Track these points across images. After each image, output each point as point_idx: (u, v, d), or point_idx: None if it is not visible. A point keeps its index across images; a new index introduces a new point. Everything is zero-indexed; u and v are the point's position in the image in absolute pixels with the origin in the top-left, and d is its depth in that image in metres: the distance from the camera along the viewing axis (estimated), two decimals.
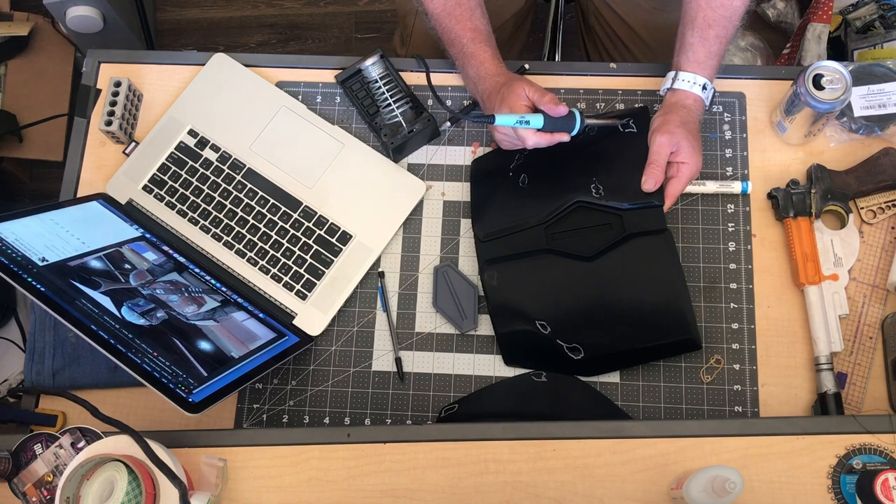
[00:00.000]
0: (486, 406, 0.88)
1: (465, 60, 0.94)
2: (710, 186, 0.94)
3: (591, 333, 0.88)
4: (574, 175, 0.92)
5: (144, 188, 0.98)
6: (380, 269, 0.95)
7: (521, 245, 0.91)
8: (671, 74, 0.91)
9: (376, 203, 0.96)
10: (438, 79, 1.02)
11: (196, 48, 1.86)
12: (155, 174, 0.99)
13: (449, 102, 1.01)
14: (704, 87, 0.90)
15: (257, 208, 0.97)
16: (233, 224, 0.96)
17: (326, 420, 0.91)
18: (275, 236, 0.96)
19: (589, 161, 0.92)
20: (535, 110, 0.87)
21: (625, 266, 0.88)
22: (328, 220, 0.96)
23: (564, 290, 0.89)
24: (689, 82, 0.89)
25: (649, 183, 0.87)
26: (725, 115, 0.99)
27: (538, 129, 0.86)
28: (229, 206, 0.97)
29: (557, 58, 1.52)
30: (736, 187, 0.94)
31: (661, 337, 0.87)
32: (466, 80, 0.96)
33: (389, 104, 0.97)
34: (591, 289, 0.88)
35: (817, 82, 0.87)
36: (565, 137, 0.88)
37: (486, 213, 0.94)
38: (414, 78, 1.02)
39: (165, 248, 0.94)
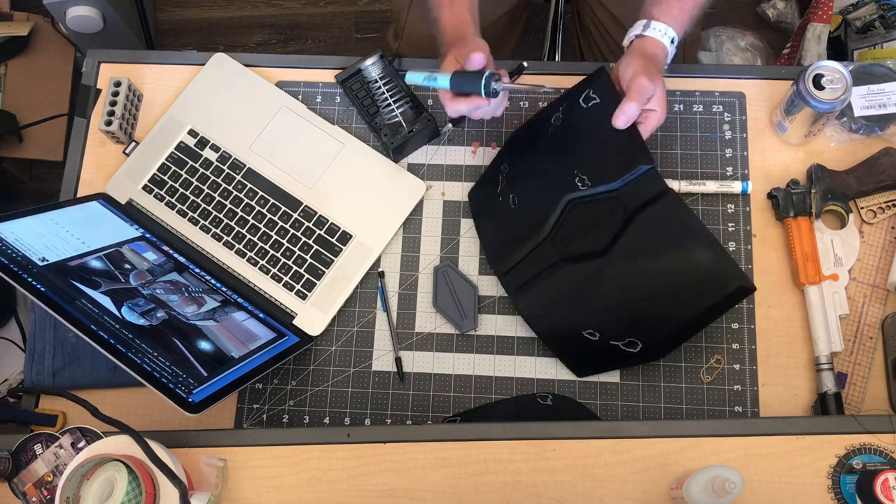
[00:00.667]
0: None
1: (438, 15, 0.91)
2: (710, 186, 0.94)
3: (640, 322, 0.84)
4: (556, 176, 0.89)
5: (144, 188, 0.98)
6: (380, 269, 0.96)
7: (538, 264, 0.88)
8: (641, 22, 0.87)
9: (376, 203, 0.96)
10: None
11: (196, 48, 1.86)
12: (155, 174, 0.99)
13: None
14: (672, 42, 0.87)
15: (257, 208, 0.97)
16: (233, 224, 0.96)
17: (326, 420, 0.91)
18: (275, 236, 0.96)
19: (566, 155, 0.89)
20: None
21: (644, 243, 0.83)
22: (328, 220, 0.96)
23: (594, 292, 0.85)
24: (661, 32, 0.86)
25: (621, 119, 0.81)
26: (725, 114, 0.99)
27: (451, 91, 0.84)
28: (229, 205, 0.97)
29: (557, 58, 1.52)
30: (736, 187, 0.94)
31: (711, 295, 0.82)
32: (438, 39, 0.92)
33: (389, 104, 0.97)
34: (620, 279, 0.84)
35: (817, 82, 0.87)
36: (482, 101, 0.83)
37: (495, 247, 0.92)
38: None
39: (165, 248, 0.94)
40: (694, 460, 0.76)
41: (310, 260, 0.94)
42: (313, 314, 0.93)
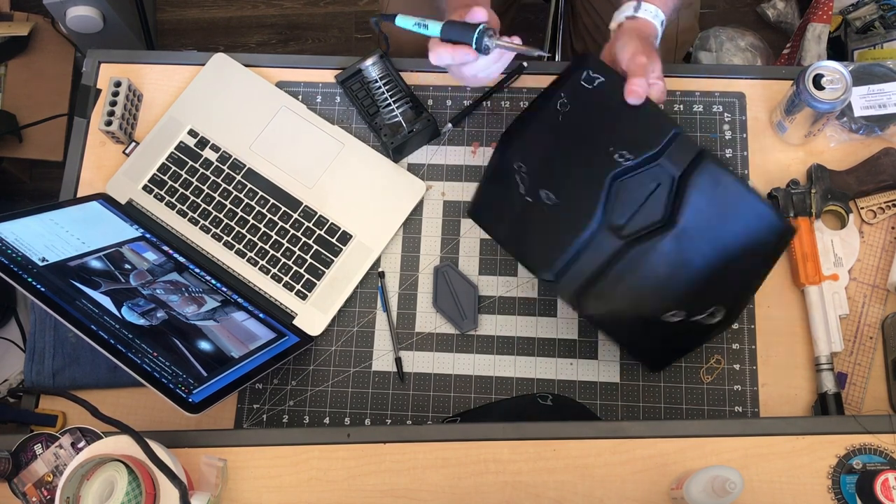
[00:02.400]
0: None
1: (447, 3, 0.88)
2: None
3: (718, 287, 0.80)
4: (590, 159, 0.83)
5: (144, 188, 0.98)
6: (380, 269, 0.95)
7: (598, 255, 0.80)
8: (631, 4, 0.86)
9: (376, 203, 0.96)
10: (431, 79, 1.02)
11: (196, 48, 1.86)
12: (155, 174, 0.99)
13: (449, 103, 1.01)
14: (661, 23, 0.86)
15: (257, 208, 0.97)
16: (233, 224, 0.96)
17: (326, 420, 0.91)
18: (275, 236, 0.96)
19: (593, 135, 0.84)
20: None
21: (704, 205, 0.79)
22: (328, 220, 0.96)
23: (675, 268, 0.79)
24: (652, 14, 0.85)
25: (633, 96, 0.79)
26: (725, 115, 0.99)
27: (440, 39, 0.80)
28: (229, 205, 0.97)
29: (558, 57, 1.52)
30: None
31: (767, 245, 0.79)
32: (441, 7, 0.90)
33: (389, 104, 0.97)
34: (698, 247, 0.79)
35: (817, 82, 0.87)
36: (469, 53, 0.80)
37: (537, 253, 0.83)
38: (414, 78, 1.02)
39: (165, 248, 0.94)
40: (694, 460, 0.76)
41: (310, 260, 0.94)
42: (313, 314, 0.93)
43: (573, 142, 0.84)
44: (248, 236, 0.96)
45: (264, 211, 0.97)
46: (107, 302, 0.81)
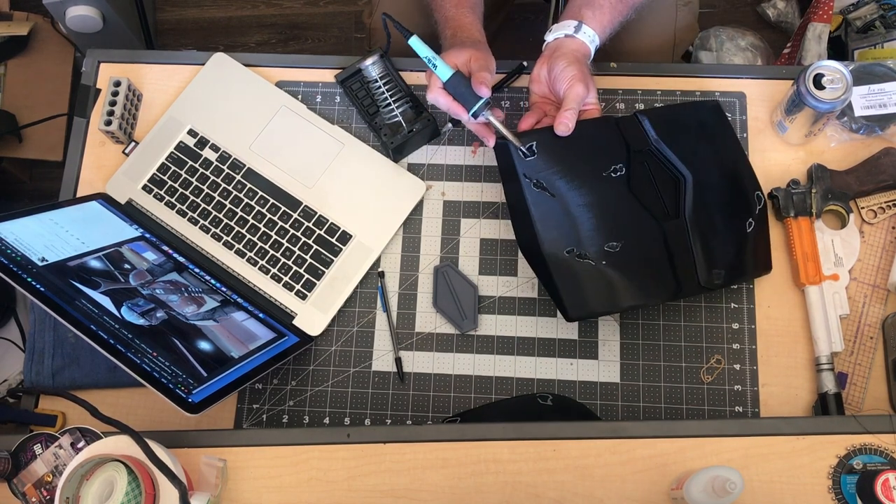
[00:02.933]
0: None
1: (444, 24, 0.94)
2: None
3: (727, 260, 0.88)
4: (600, 191, 0.87)
5: (144, 188, 0.98)
6: (380, 269, 0.95)
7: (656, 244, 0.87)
8: (573, 23, 0.90)
9: (376, 203, 0.96)
10: (424, 78, 1.01)
11: (196, 48, 1.86)
12: (155, 174, 0.99)
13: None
14: (595, 48, 0.91)
15: (257, 208, 0.97)
16: (232, 224, 0.96)
17: (326, 420, 0.91)
18: (274, 236, 0.95)
19: (583, 179, 0.87)
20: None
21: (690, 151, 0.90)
22: (328, 220, 0.96)
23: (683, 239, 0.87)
24: (590, 38, 0.90)
25: (562, 129, 0.84)
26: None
27: (443, 85, 0.85)
28: (229, 205, 0.97)
29: None
30: None
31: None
32: (443, 42, 0.95)
33: (389, 104, 0.97)
34: (710, 192, 0.89)
35: (818, 82, 0.87)
36: (462, 113, 0.86)
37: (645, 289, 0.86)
38: (414, 78, 1.02)
39: (165, 248, 0.94)
40: (694, 460, 0.76)
41: (309, 260, 0.94)
42: (313, 314, 0.93)
43: (578, 195, 0.86)
44: (248, 236, 0.96)
45: (264, 211, 0.96)
46: (106, 302, 0.81)
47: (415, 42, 0.84)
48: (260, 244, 0.95)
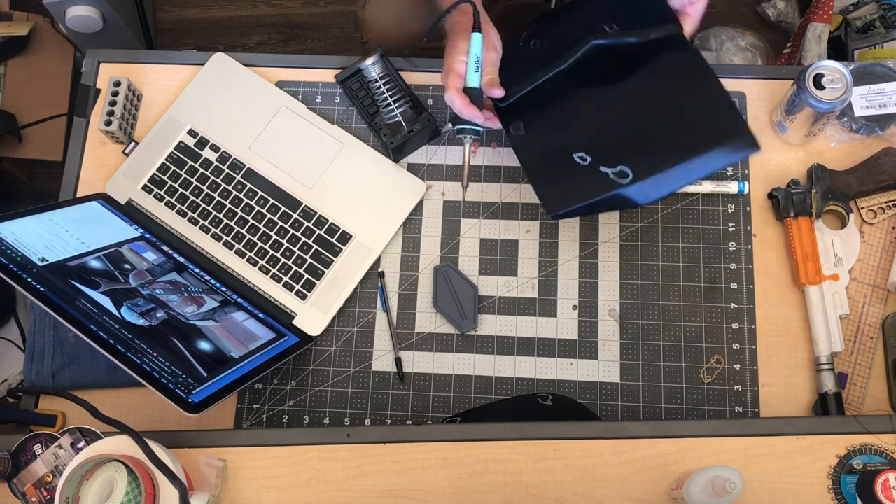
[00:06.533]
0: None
1: None
2: (707, 186, 0.94)
3: (636, 151, 0.83)
4: (584, 25, 0.89)
5: (144, 188, 0.98)
6: (380, 269, 0.95)
7: (547, 93, 0.87)
8: None
9: (376, 203, 0.96)
10: (431, 79, 1.02)
11: (196, 48, 1.86)
12: (154, 174, 0.99)
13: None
14: None
15: (257, 208, 0.97)
16: (232, 224, 0.96)
17: (326, 420, 0.91)
18: (274, 236, 0.95)
19: (598, 15, 0.89)
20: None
21: (655, 79, 0.85)
22: (328, 220, 0.96)
23: (599, 114, 0.85)
24: None
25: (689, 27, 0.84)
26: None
27: (471, 87, 0.86)
28: (229, 205, 0.97)
29: None
30: (733, 187, 0.94)
31: (710, 141, 0.80)
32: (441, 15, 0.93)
33: (389, 104, 0.97)
34: (626, 106, 0.85)
35: (818, 82, 0.87)
36: (479, 117, 0.87)
37: (505, 82, 0.88)
38: (414, 78, 1.02)
39: (165, 248, 0.94)
40: (694, 460, 0.76)
41: (309, 260, 0.94)
42: (313, 314, 0.93)
43: (577, 16, 0.91)
44: (248, 236, 0.96)
45: (264, 211, 0.96)
46: (106, 302, 0.81)
47: (477, 39, 0.85)
48: (260, 244, 0.95)
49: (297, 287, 0.93)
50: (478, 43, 0.85)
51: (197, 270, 0.93)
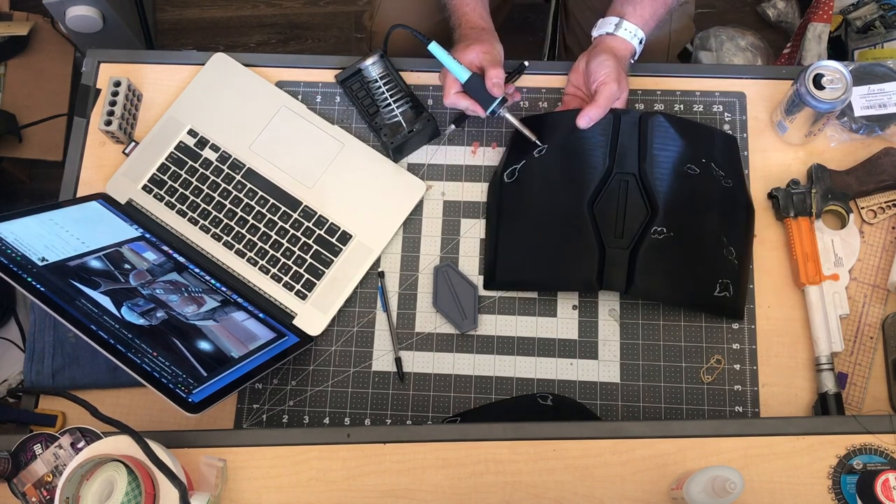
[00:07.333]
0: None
1: (451, 12, 0.97)
2: None
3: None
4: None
5: (144, 188, 0.98)
6: (380, 269, 0.95)
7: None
8: (613, 20, 0.92)
9: (376, 203, 0.96)
10: (431, 79, 1.02)
11: (196, 48, 1.86)
12: (155, 174, 0.99)
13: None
14: (640, 42, 0.92)
15: (257, 208, 0.97)
16: (232, 224, 0.96)
17: (326, 420, 0.91)
18: (274, 236, 0.95)
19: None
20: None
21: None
22: (328, 220, 0.96)
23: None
24: (631, 34, 0.92)
25: (584, 121, 0.88)
26: (726, 114, 0.99)
27: (462, 87, 0.90)
28: (229, 205, 0.97)
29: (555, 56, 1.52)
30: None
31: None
32: (453, 32, 0.98)
33: (389, 104, 0.97)
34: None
35: (818, 82, 0.87)
36: (480, 112, 0.91)
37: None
38: (414, 78, 1.02)
39: (165, 248, 0.94)
40: (694, 460, 0.76)
41: (309, 260, 0.94)
42: (313, 314, 0.93)
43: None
44: (248, 236, 0.96)
45: (264, 211, 0.96)
46: (106, 302, 0.81)
47: (434, 48, 0.89)
48: (260, 244, 0.95)
49: (298, 287, 0.93)
50: (436, 50, 0.89)
51: (197, 270, 0.93)
